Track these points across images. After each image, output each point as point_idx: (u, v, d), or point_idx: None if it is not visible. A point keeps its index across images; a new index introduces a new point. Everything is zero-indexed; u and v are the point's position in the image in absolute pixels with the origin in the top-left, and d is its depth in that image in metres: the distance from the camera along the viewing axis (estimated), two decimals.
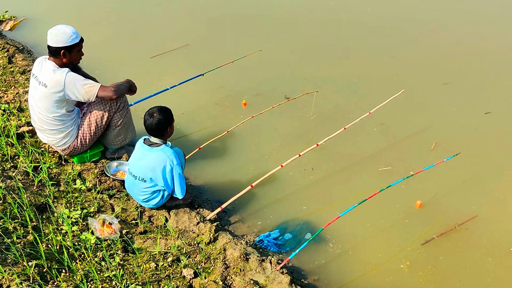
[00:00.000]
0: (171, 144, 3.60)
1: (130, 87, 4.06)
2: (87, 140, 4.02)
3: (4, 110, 4.63)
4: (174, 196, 3.63)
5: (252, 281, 3.12)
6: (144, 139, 3.58)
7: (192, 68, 5.66)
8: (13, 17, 7.74)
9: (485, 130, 5.13)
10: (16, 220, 3.16)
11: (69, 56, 3.78)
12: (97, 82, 3.92)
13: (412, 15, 8.12)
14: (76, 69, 3.95)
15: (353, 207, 3.55)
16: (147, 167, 3.48)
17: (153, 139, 3.54)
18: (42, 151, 4.10)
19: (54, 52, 3.74)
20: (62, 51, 3.71)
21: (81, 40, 3.85)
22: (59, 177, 3.88)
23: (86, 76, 4.08)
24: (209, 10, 8.15)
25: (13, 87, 5.23)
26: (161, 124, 3.46)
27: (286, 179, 4.41)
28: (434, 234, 3.80)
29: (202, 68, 5.39)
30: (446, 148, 4.74)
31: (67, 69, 3.74)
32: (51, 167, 3.96)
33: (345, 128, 4.41)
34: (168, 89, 5.14)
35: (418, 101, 5.63)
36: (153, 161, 3.47)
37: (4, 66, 5.70)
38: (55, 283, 2.74)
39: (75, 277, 2.85)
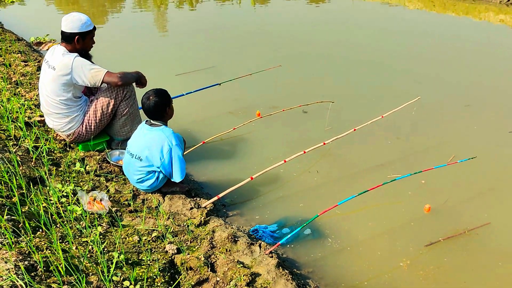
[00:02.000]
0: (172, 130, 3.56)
1: (139, 78, 4.09)
2: (92, 127, 4.04)
3: (22, 105, 4.75)
4: (172, 180, 3.54)
5: (237, 261, 2.94)
6: (146, 121, 3.57)
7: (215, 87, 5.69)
8: (53, 40, 8.17)
9: (508, 147, 4.86)
10: (4, 184, 3.14)
11: (82, 42, 3.88)
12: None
13: (435, 42, 8.20)
14: (87, 56, 4.05)
15: (352, 197, 3.39)
16: (144, 145, 3.44)
17: (154, 121, 3.52)
18: (49, 137, 4.14)
19: (68, 38, 3.85)
20: (76, 37, 3.82)
21: (94, 28, 3.97)
22: (60, 160, 3.89)
23: None
24: (237, 37, 8.41)
25: (36, 89, 5.40)
26: (158, 106, 3.45)
27: (289, 179, 4.27)
28: (440, 237, 3.51)
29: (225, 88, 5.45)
30: (464, 166, 4.45)
31: (76, 54, 3.84)
32: (54, 151, 3.98)
33: (355, 130, 4.29)
34: (183, 95, 5.18)
35: (439, 121, 5.46)
36: (151, 139, 3.43)
37: (32, 73, 5.94)
38: (28, 238, 2.66)
39: (50, 236, 2.76)
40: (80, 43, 3.87)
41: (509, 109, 5.81)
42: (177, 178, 3.49)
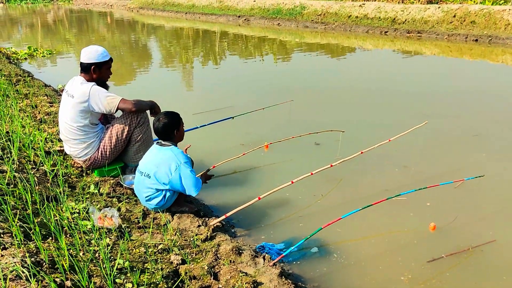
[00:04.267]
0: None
1: (153, 107, 4.30)
2: (107, 153, 4.22)
3: (45, 139, 4.99)
4: (186, 194, 3.65)
5: (240, 271, 2.98)
6: (157, 142, 3.73)
7: (229, 121, 5.89)
8: None
9: None
10: (20, 200, 3.29)
11: (98, 72, 4.14)
12: None
13: (442, 80, 8.72)
14: (104, 86, 4.29)
15: (356, 210, 3.43)
16: (152, 163, 3.58)
17: (164, 142, 3.68)
18: (66, 165, 4.33)
19: (85, 68, 4.11)
20: (92, 67, 4.09)
21: (111, 59, 4.24)
22: (76, 184, 4.05)
23: None
24: (255, 83, 8.74)
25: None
26: (166, 127, 3.62)
27: (296, 202, 4.34)
28: (443, 253, 3.47)
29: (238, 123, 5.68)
30: (472, 187, 4.43)
31: (93, 82, 4.09)
32: (71, 176, 4.16)
33: (362, 152, 4.35)
34: (198, 127, 5.38)
35: (447, 150, 5.51)
36: (159, 158, 3.58)
37: (56, 112, 6.24)
38: (35, 244, 2.77)
39: (59, 243, 2.86)
40: (96, 72, 4.12)
41: None
42: (192, 192, 3.58)
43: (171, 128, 3.65)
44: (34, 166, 4.08)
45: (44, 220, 3.10)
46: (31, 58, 12.94)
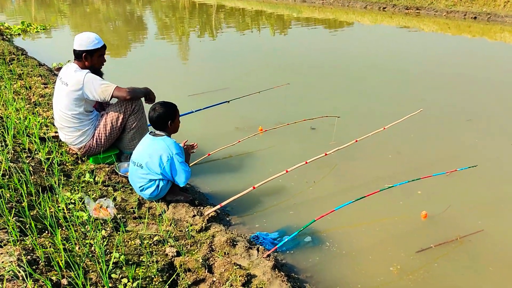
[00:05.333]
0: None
1: (148, 94, 4.28)
2: (102, 140, 4.22)
3: (40, 123, 4.98)
4: (176, 184, 3.68)
5: (234, 263, 3.02)
6: (150, 132, 3.74)
7: (224, 105, 5.85)
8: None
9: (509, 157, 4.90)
10: (15, 191, 3.31)
11: (90, 60, 4.10)
12: None
13: (439, 60, 8.77)
14: (98, 73, 4.25)
15: (349, 202, 3.46)
16: (145, 152, 3.60)
17: (158, 132, 3.68)
18: (61, 152, 4.33)
19: (77, 55, 4.08)
20: (84, 54, 4.04)
21: (103, 47, 4.18)
22: (71, 172, 4.07)
23: None
24: (252, 61, 8.66)
25: None
26: (161, 117, 3.62)
27: (290, 190, 4.37)
28: (432, 244, 3.53)
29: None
30: (464, 176, 4.45)
31: (87, 70, 4.06)
32: (66, 163, 4.16)
33: (356, 141, 4.37)
34: (193, 112, 5.36)
35: (440, 135, 5.57)
36: (151, 148, 3.59)
37: (51, 94, 6.20)
38: (33, 238, 2.80)
39: (55, 238, 2.89)
40: (88, 60, 4.08)
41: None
42: (180, 182, 3.63)
43: (165, 120, 3.64)
44: (29, 155, 4.08)
45: (40, 214, 3.13)
46: (25, 34, 12.78)
